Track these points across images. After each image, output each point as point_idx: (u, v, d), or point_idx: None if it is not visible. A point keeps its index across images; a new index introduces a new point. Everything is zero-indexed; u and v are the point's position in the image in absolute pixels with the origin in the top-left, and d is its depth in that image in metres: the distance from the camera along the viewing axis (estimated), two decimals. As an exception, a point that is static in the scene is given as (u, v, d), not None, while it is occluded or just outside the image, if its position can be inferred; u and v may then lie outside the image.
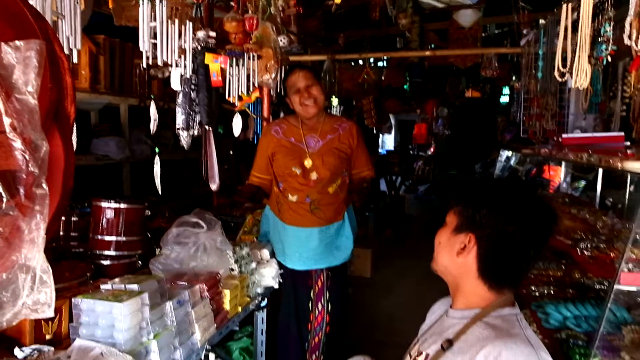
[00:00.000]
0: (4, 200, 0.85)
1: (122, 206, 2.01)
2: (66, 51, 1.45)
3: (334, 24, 5.59)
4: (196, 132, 2.23)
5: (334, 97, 6.17)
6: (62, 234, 2.16)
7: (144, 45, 1.78)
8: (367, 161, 2.51)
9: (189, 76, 2.10)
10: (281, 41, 2.56)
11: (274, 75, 2.50)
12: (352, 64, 6.41)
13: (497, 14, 5.46)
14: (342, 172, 2.40)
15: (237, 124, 2.57)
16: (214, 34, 2.14)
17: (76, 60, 1.56)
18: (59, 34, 1.46)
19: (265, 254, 2.33)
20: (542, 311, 2.09)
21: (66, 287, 1.62)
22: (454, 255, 1.14)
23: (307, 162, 2.32)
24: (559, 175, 3.64)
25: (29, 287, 0.88)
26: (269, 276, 2.25)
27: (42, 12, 1.33)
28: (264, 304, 2.32)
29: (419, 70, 7.03)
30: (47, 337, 1.45)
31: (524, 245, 1.09)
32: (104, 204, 2.00)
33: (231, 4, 2.38)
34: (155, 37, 1.81)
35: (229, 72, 2.31)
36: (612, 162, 1.66)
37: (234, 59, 2.31)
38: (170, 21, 1.85)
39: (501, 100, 9.54)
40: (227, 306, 1.85)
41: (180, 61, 1.99)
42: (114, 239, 1.99)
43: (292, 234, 2.35)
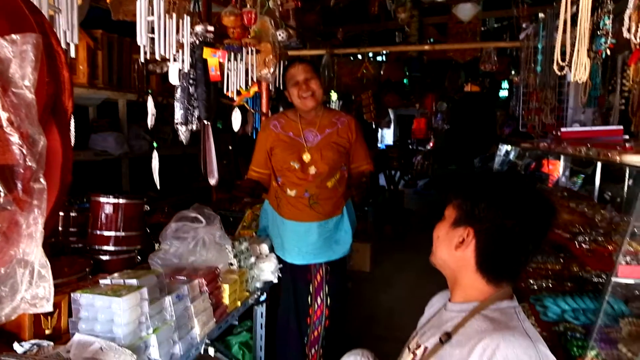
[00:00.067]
0: (2, 195, 0.85)
1: (121, 201, 2.01)
2: (63, 45, 1.44)
3: (332, 18, 5.57)
4: (195, 127, 2.22)
5: (332, 91, 6.16)
6: (61, 229, 2.16)
7: (142, 39, 1.77)
8: (365, 155, 2.51)
9: (187, 71, 2.09)
10: (280, 36, 2.55)
11: (272, 69, 2.49)
12: (351, 58, 6.39)
13: (497, 8, 5.46)
14: (341, 166, 2.39)
15: (236, 118, 2.56)
16: (212, 29, 2.14)
17: (74, 54, 1.55)
18: (55, 28, 1.45)
19: (264, 248, 2.33)
20: (540, 304, 2.09)
21: (65, 282, 1.62)
22: (453, 248, 1.14)
23: (306, 157, 2.32)
24: (557, 169, 3.65)
25: (27, 281, 0.88)
26: (268, 271, 2.26)
27: (39, 6, 1.33)
28: (263, 298, 2.33)
29: (418, 64, 7.01)
30: (47, 332, 1.45)
31: (522, 239, 1.09)
32: (102, 199, 1.99)
33: (229, -3, 2.37)
34: (152, 32, 1.81)
35: (227, 67, 2.30)
36: (610, 155, 1.66)
37: (232, 53, 2.30)
38: (167, 15, 1.84)
39: (500, 94, 9.53)
40: (226, 301, 1.85)
41: (178, 56, 1.99)
42: (113, 234, 1.99)
43: (291, 229, 2.35)
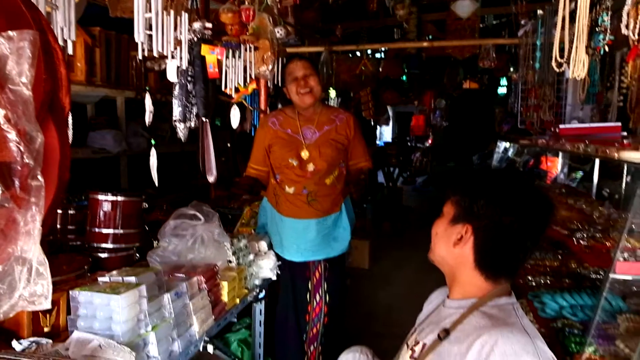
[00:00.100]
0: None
1: (120, 199, 2.01)
2: (60, 42, 1.44)
3: (331, 15, 5.56)
4: (193, 124, 2.22)
5: (331, 88, 6.15)
6: (59, 227, 2.16)
7: (139, 36, 1.76)
8: (364, 152, 2.50)
9: (185, 68, 2.09)
10: (278, 32, 2.54)
11: (270, 66, 2.48)
12: (350, 55, 6.38)
13: (495, 5, 5.44)
14: (339, 163, 2.39)
15: (235, 116, 2.55)
16: (210, 25, 2.13)
17: (71, 51, 1.55)
18: (52, 25, 1.44)
19: (263, 245, 2.33)
20: (538, 301, 2.10)
21: (64, 280, 1.62)
22: (451, 245, 1.14)
23: (304, 154, 2.32)
24: (556, 166, 3.65)
25: (25, 279, 0.88)
26: (266, 268, 2.26)
27: (36, 3, 1.32)
28: (262, 295, 2.33)
29: (416, 61, 6.99)
30: (45, 329, 1.45)
31: (520, 236, 1.09)
32: (101, 197, 1.99)
33: (227, -6, 2.36)
34: (150, 29, 1.80)
35: (226, 64, 2.30)
36: (608, 152, 1.66)
37: (231, 50, 2.30)
38: (165, 12, 1.83)
39: (499, 91, 9.53)
40: (225, 298, 1.85)
41: (176, 53, 1.98)
42: (111, 231, 1.99)
43: (290, 226, 2.35)
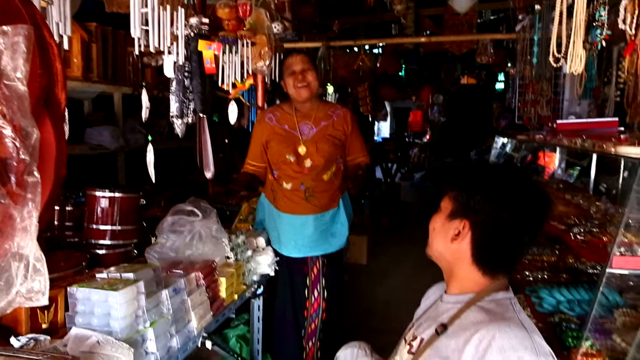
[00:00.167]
0: (-5, 188, 0.85)
1: (117, 195, 2.00)
2: (56, 37, 1.43)
3: (328, 10, 5.54)
4: (190, 120, 2.21)
5: (329, 84, 6.14)
6: (56, 223, 2.15)
7: (136, 32, 1.76)
8: (361, 147, 2.50)
9: (182, 63, 2.08)
10: (275, 28, 2.53)
11: (268, 62, 2.48)
12: (347, 50, 6.36)
13: (493, 0, 5.43)
14: (337, 159, 2.39)
15: (233, 111, 2.55)
16: (206, 21, 2.12)
17: (67, 46, 1.54)
18: (48, 19, 1.44)
19: (261, 241, 2.33)
20: (536, 296, 2.11)
21: (62, 276, 1.62)
22: (448, 241, 1.15)
23: (301, 149, 2.32)
24: (553, 161, 3.65)
25: (22, 275, 0.88)
26: (264, 264, 2.26)
27: (31, -2, 1.31)
28: (260, 291, 2.33)
29: (414, 56, 6.99)
30: (44, 326, 1.45)
31: (518, 231, 1.09)
32: (98, 193, 1.99)
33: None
34: (147, 24, 1.79)
35: (223, 59, 2.29)
36: (605, 147, 1.66)
37: (228, 45, 2.29)
38: (162, 7, 1.82)
39: (496, 86, 9.54)
40: (223, 294, 1.85)
41: (173, 48, 1.97)
42: (109, 228, 1.99)
43: (287, 222, 2.35)
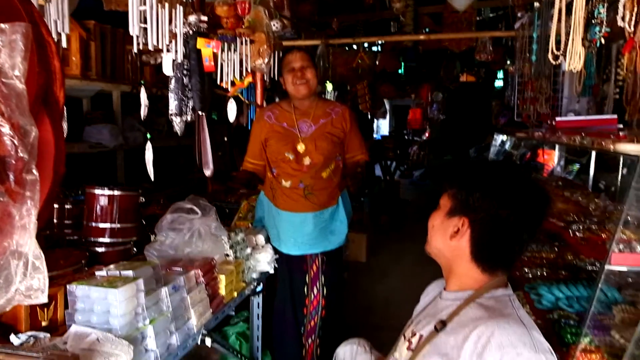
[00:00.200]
0: (-6, 186, 0.85)
1: (116, 193, 2.00)
2: (54, 35, 1.43)
3: (327, 8, 5.54)
4: (189, 118, 2.21)
5: (328, 82, 6.13)
6: (56, 221, 2.16)
7: (134, 30, 1.76)
8: (360, 145, 2.50)
9: (180, 61, 2.07)
10: (274, 26, 2.52)
11: (267, 60, 2.47)
12: (346, 48, 6.35)
13: (492, -3, 5.44)
14: (336, 156, 2.39)
15: (232, 109, 2.55)
16: (205, 18, 2.12)
17: (65, 44, 1.54)
18: (45, 17, 1.43)
19: (260, 239, 2.34)
20: (535, 292, 2.11)
21: (61, 274, 1.62)
22: (448, 238, 1.15)
23: (300, 147, 2.32)
24: (552, 158, 3.65)
25: (21, 273, 0.88)
26: (264, 261, 2.26)
27: (29, -4, 1.31)
28: (259, 289, 2.33)
29: (413, 54, 6.97)
30: (43, 323, 1.45)
31: (517, 228, 1.09)
32: (97, 191, 1.99)
33: (222, -13, 2.34)
34: (145, 22, 1.79)
35: (221, 57, 2.29)
36: (604, 144, 1.66)
37: (226, 43, 2.28)
38: (160, 5, 1.82)
39: (496, 84, 9.53)
40: (222, 291, 1.85)
41: (171, 46, 1.97)
42: (108, 226, 1.99)
43: (287, 219, 2.35)
